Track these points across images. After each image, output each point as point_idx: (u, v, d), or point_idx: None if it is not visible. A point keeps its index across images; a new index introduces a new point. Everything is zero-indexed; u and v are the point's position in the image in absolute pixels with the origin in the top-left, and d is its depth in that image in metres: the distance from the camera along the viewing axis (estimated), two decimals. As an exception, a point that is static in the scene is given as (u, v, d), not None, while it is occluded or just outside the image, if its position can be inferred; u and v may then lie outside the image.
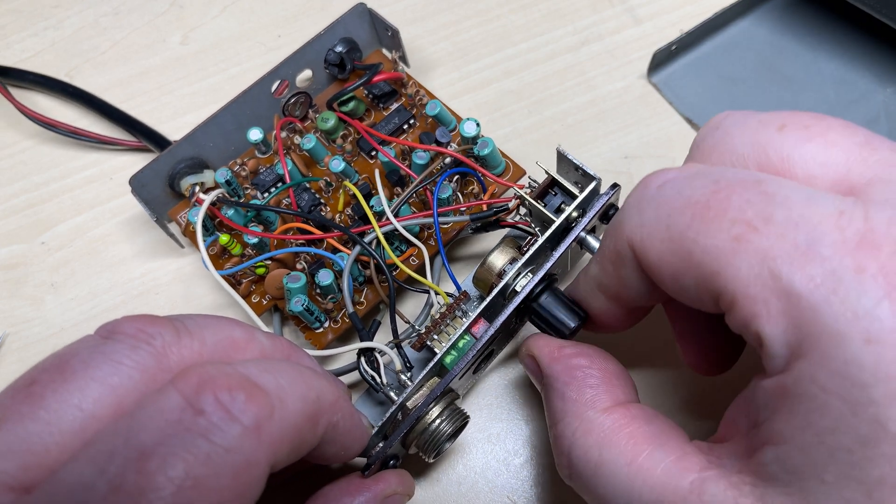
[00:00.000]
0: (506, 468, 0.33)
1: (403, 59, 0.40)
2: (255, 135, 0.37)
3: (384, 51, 0.41)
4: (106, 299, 0.38)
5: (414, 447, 0.28)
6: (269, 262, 0.34)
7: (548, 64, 0.43)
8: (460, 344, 0.28)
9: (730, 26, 0.42)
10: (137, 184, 0.35)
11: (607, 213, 0.31)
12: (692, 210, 0.20)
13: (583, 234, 0.30)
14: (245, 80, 0.37)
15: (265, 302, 0.34)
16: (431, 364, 0.28)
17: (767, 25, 0.42)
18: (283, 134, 0.38)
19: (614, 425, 0.23)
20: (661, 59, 0.41)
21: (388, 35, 0.39)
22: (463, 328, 0.28)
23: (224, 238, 0.34)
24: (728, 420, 0.22)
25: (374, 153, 0.37)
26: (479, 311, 0.29)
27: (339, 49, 0.39)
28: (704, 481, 0.20)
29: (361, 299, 0.34)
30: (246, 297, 0.34)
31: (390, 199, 0.34)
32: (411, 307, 0.36)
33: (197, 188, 0.36)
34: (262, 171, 0.37)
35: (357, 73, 0.39)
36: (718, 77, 0.41)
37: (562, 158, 0.32)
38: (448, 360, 0.28)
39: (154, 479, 0.17)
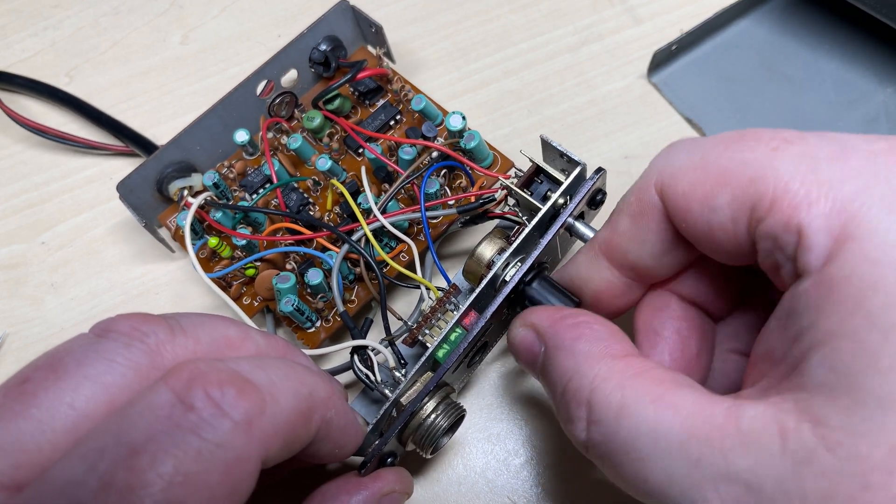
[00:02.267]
0: (506, 468, 0.33)
1: (388, 55, 0.40)
2: (241, 136, 0.37)
3: (369, 47, 0.41)
4: (106, 299, 0.38)
5: (411, 443, 0.28)
6: (258, 263, 0.34)
7: (548, 64, 0.43)
8: (452, 337, 0.28)
9: (730, 26, 0.42)
10: (125, 189, 0.35)
11: (595, 198, 0.31)
12: (727, 141, 0.21)
13: (570, 220, 0.29)
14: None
15: (256, 303, 0.34)
16: (424, 358, 0.28)
17: (767, 25, 0.42)
18: (270, 135, 0.38)
19: (634, 368, 0.22)
20: (661, 59, 0.41)
21: (372, 32, 0.39)
22: (454, 321, 0.28)
23: (213, 241, 0.34)
24: (756, 360, 0.21)
25: (360, 150, 0.37)
26: (469, 302, 0.29)
27: (323, 47, 0.38)
28: (741, 406, 0.19)
29: (352, 297, 0.34)
30: (237, 299, 0.34)
31: (378, 196, 0.34)
32: (404, 304, 0.36)
33: (185, 192, 0.36)
34: (249, 172, 0.37)
35: (342, 71, 0.39)
36: (718, 77, 0.41)
37: (546, 146, 0.31)
38: (440, 353, 0.28)
39: (144, 476, 0.17)
